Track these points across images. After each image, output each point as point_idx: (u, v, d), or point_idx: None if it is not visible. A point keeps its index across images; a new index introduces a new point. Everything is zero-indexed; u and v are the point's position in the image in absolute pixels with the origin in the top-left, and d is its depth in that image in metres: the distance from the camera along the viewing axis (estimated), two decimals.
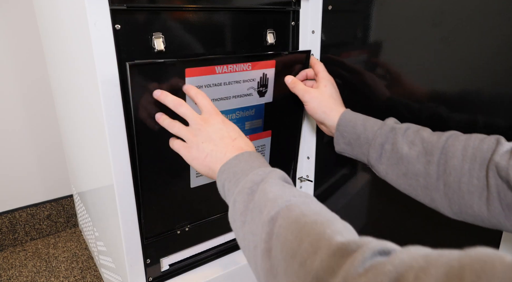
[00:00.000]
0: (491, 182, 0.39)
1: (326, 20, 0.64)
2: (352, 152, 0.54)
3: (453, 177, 0.42)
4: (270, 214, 0.34)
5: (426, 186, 0.45)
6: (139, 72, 0.47)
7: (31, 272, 0.93)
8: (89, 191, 0.80)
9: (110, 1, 0.45)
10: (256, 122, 0.63)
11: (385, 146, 0.49)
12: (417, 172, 0.46)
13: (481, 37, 0.47)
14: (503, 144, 0.40)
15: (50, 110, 1.02)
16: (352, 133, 0.53)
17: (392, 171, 0.48)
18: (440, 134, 0.45)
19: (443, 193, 0.43)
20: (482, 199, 0.40)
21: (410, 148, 0.46)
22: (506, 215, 0.39)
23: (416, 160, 0.45)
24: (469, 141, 0.42)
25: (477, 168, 0.40)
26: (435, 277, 0.19)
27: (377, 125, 0.51)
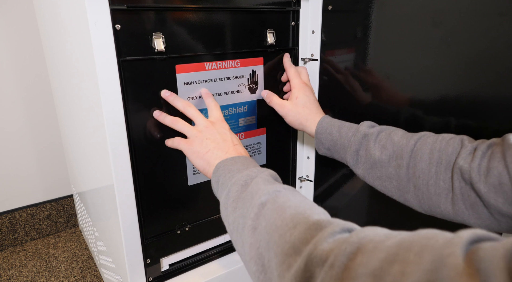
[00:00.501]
0: (456, 184, 0.42)
1: (326, 20, 0.64)
2: (333, 155, 0.58)
3: (422, 179, 0.45)
4: (261, 199, 0.37)
5: (398, 188, 0.48)
6: (130, 68, 0.49)
7: (31, 272, 0.93)
8: (89, 191, 0.80)
9: (110, 1, 0.45)
10: (249, 119, 0.64)
11: (359, 152, 0.52)
12: (389, 174, 0.49)
13: (481, 37, 0.47)
14: (466, 145, 0.42)
15: (50, 110, 1.02)
16: (330, 140, 0.56)
17: (369, 174, 0.51)
18: (410, 137, 0.47)
19: (414, 194, 0.47)
20: (448, 199, 0.43)
21: (381, 152, 0.49)
22: (470, 214, 0.42)
23: (388, 163, 0.48)
24: (435, 143, 0.45)
25: (443, 171, 0.43)
26: (389, 246, 0.23)
27: (351, 131, 0.53)
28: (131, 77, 0.49)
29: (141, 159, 0.53)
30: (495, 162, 0.38)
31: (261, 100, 0.65)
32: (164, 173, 0.56)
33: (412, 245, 0.22)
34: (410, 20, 0.54)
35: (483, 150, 0.40)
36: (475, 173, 0.40)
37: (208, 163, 0.49)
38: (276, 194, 0.38)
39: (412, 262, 0.20)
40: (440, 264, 0.19)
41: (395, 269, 0.21)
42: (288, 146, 0.73)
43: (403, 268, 0.20)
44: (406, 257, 0.21)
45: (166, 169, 0.56)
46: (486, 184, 0.39)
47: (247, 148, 0.66)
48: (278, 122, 0.68)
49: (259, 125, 0.66)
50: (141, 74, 0.50)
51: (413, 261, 0.20)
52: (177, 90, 0.54)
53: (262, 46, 0.62)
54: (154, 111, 0.53)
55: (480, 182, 0.39)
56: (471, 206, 0.41)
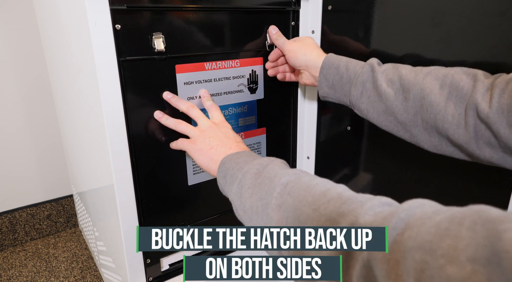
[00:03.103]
0: (470, 121, 0.39)
1: (326, 20, 0.64)
2: (335, 94, 0.54)
3: (430, 113, 0.43)
4: (282, 180, 0.37)
5: (404, 122, 0.46)
6: (130, 68, 0.49)
7: (31, 272, 0.93)
8: (89, 191, 0.80)
9: (110, 1, 0.45)
10: (249, 119, 0.64)
11: (366, 84, 0.49)
12: (395, 109, 0.46)
13: (481, 37, 0.47)
14: (482, 80, 0.40)
15: (50, 110, 1.02)
16: (335, 75, 0.53)
17: (373, 109, 0.49)
18: (418, 71, 0.45)
19: (422, 127, 0.45)
20: (458, 134, 0.41)
21: (388, 86, 0.47)
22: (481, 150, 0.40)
23: (394, 97, 0.46)
24: (446, 78, 0.42)
25: (453, 105, 0.41)
26: (438, 221, 0.22)
27: (359, 65, 0.51)
28: (131, 77, 0.49)
29: (141, 159, 0.53)
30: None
31: (261, 100, 0.64)
32: (164, 173, 0.56)
33: (464, 220, 0.21)
34: (410, 20, 0.54)
35: (501, 87, 0.37)
36: (493, 113, 0.37)
37: (212, 159, 0.48)
38: (297, 176, 0.37)
39: (465, 236, 0.20)
40: (496, 239, 0.18)
41: (446, 243, 0.20)
42: (288, 146, 0.73)
43: (455, 242, 0.20)
44: (458, 232, 0.20)
45: (166, 169, 0.56)
46: (508, 125, 0.36)
47: None
48: (278, 122, 0.68)
49: (259, 125, 0.66)
50: (141, 74, 0.50)
51: (466, 236, 0.20)
52: (177, 90, 0.54)
53: (262, 46, 0.62)
54: (155, 112, 0.53)
55: (501, 122, 0.36)
56: (484, 144, 0.39)
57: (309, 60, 0.56)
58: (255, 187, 0.39)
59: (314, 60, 0.56)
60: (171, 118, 0.53)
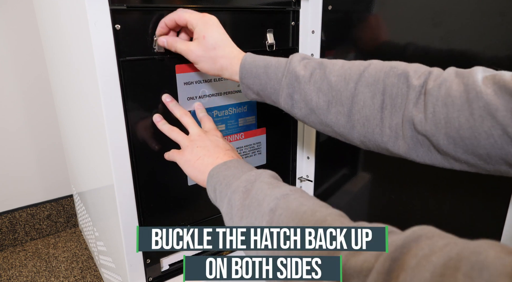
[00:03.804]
0: (407, 133, 0.38)
1: (326, 20, 0.64)
2: (265, 100, 0.49)
3: (367, 127, 0.40)
4: (270, 206, 0.36)
5: (341, 133, 0.44)
6: (130, 68, 0.49)
7: (31, 272, 0.93)
8: (89, 191, 0.80)
9: (110, 1, 0.45)
10: (249, 119, 0.64)
11: (293, 96, 0.45)
12: (330, 122, 0.43)
13: (481, 37, 0.47)
14: (413, 86, 0.37)
15: (50, 110, 1.02)
16: (258, 85, 0.47)
17: (308, 119, 0.46)
18: (348, 78, 0.41)
19: (358, 139, 0.43)
20: (397, 145, 0.39)
21: (319, 97, 0.43)
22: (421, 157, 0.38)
23: (327, 110, 0.43)
24: (378, 84, 0.39)
25: (388, 117, 0.39)
26: (434, 264, 0.21)
27: (279, 71, 0.45)
28: (131, 77, 0.49)
29: (141, 159, 0.53)
30: (454, 112, 0.33)
31: None
32: (164, 173, 0.56)
33: (460, 263, 0.20)
34: (410, 20, 0.54)
35: (434, 94, 0.35)
36: (430, 125, 0.35)
37: (199, 170, 0.48)
38: (285, 198, 0.36)
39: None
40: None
41: None
42: (288, 146, 0.73)
43: None
44: (454, 279, 0.19)
45: (166, 169, 0.56)
46: (445, 136, 0.34)
47: (247, 148, 0.66)
48: (278, 122, 0.68)
49: (259, 125, 0.66)
50: (141, 74, 0.50)
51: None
52: (176, 90, 0.54)
53: (262, 46, 0.62)
54: (154, 115, 0.53)
55: (439, 134, 0.35)
56: (424, 153, 0.38)
57: (227, 74, 0.49)
58: (244, 209, 0.38)
59: (232, 72, 0.49)
60: (167, 124, 0.53)
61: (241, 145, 0.64)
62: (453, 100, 0.34)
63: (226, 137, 0.62)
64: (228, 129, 0.62)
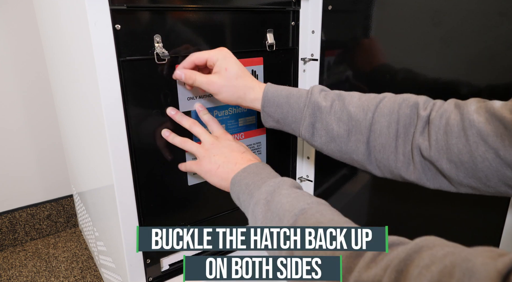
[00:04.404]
0: (416, 158, 0.42)
1: (326, 20, 0.64)
2: (283, 128, 0.52)
3: (382, 154, 0.44)
4: (289, 223, 0.38)
5: (359, 161, 0.47)
6: (130, 68, 0.49)
7: (31, 272, 0.93)
8: (89, 191, 0.80)
9: (110, 1, 0.45)
10: (249, 119, 0.64)
11: (315, 125, 0.48)
12: (350, 149, 0.47)
13: (481, 37, 0.47)
14: (421, 116, 0.41)
15: (50, 110, 1.02)
16: (279, 113, 0.50)
17: (327, 147, 0.49)
18: (366, 109, 0.45)
19: (376, 165, 0.46)
20: (410, 170, 0.43)
21: (339, 127, 0.47)
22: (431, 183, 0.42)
23: (347, 138, 0.46)
24: (393, 115, 0.43)
25: (402, 144, 0.43)
26: (432, 273, 0.23)
27: (301, 101, 0.49)
28: (131, 77, 0.49)
29: (141, 159, 0.53)
30: (453, 139, 0.38)
31: None
32: (164, 173, 0.56)
33: (454, 270, 0.22)
34: (410, 20, 0.54)
35: (436, 123, 0.39)
36: (434, 152, 0.39)
37: (222, 178, 0.50)
38: (303, 215, 0.38)
39: None
40: None
41: None
42: (288, 146, 0.73)
43: None
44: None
45: (166, 169, 0.56)
46: (447, 161, 0.39)
47: None
48: None
49: (259, 125, 0.66)
50: (141, 74, 0.50)
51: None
52: (176, 90, 0.54)
53: (262, 46, 0.62)
54: (163, 131, 0.54)
55: (442, 160, 0.39)
56: (432, 177, 0.42)
57: (247, 102, 0.52)
58: (266, 222, 0.41)
59: (253, 101, 0.51)
60: (177, 137, 0.54)
61: None
62: (451, 128, 0.38)
63: None
64: (228, 129, 0.62)
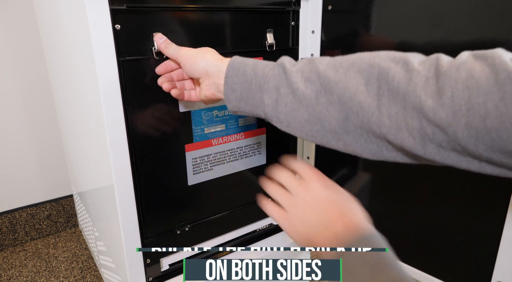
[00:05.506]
0: (414, 123, 0.32)
1: (326, 20, 0.64)
2: (246, 107, 0.44)
3: (361, 116, 0.35)
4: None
5: (334, 130, 0.38)
6: (130, 68, 0.49)
7: (31, 272, 0.93)
8: (89, 191, 0.80)
9: (110, 1, 0.45)
10: (249, 119, 0.64)
11: (280, 89, 0.41)
12: (319, 115, 0.38)
13: (481, 37, 0.47)
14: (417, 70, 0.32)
15: (50, 110, 1.02)
16: (243, 83, 0.43)
17: (293, 118, 0.40)
18: (338, 65, 0.37)
19: (356, 134, 0.37)
20: (398, 139, 0.33)
21: (306, 86, 0.39)
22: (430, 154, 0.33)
23: (316, 100, 0.38)
24: (372, 69, 0.35)
25: (386, 105, 0.33)
26: None
27: (268, 66, 0.43)
28: (131, 77, 0.49)
29: (141, 159, 0.53)
30: (480, 97, 0.28)
31: None
32: (164, 173, 0.56)
33: None
34: (410, 20, 0.54)
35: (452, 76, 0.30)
36: (447, 112, 0.29)
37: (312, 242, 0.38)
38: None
39: None
40: None
41: None
42: (288, 146, 0.73)
43: None
44: None
45: (166, 169, 0.56)
46: (466, 127, 0.29)
47: (247, 148, 0.65)
48: None
49: (259, 125, 0.66)
50: (141, 74, 0.50)
51: None
52: None
53: (262, 46, 0.62)
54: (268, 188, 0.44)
55: (458, 124, 0.29)
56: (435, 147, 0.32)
57: (210, 65, 0.46)
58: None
59: (217, 65, 0.46)
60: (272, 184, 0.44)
61: (241, 145, 0.64)
62: (477, 82, 0.28)
63: (226, 137, 0.62)
64: (228, 129, 0.62)
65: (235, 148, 0.64)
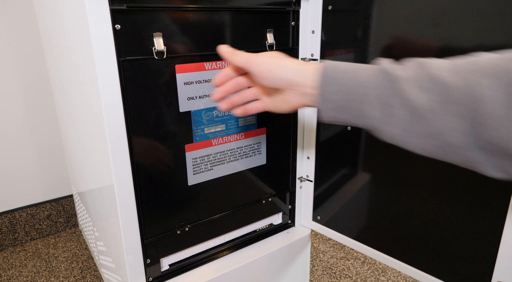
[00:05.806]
0: None
1: (326, 20, 0.64)
2: (345, 117, 0.39)
3: (492, 129, 0.30)
4: None
5: (456, 145, 0.33)
6: (130, 68, 0.49)
7: (31, 272, 0.93)
8: (89, 191, 0.80)
9: (110, 1, 0.45)
10: (249, 119, 0.64)
11: (387, 99, 0.36)
12: (439, 128, 0.33)
13: (481, 37, 0.47)
14: None
15: (50, 110, 1.02)
16: (339, 92, 0.38)
17: (406, 132, 0.35)
18: (454, 70, 0.33)
19: (480, 148, 0.32)
20: None
21: (423, 96, 0.33)
22: None
23: (435, 113, 0.33)
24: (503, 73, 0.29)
25: None
26: None
27: (367, 73, 0.38)
28: (131, 77, 0.49)
29: (141, 158, 0.53)
30: None
31: None
32: (164, 173, 0.56)
33: None
34: (410, 20, 0.54)
35: None
36: None
37: None
38: None
39: None
40: None
41: None
42: (288, 146, 0.73)
43: None
44: None
45: (166, 169, 0.56)
46: None
47: (247, 148, 0.66)
48: (278, 122, 0.68)
49: (259, 125, 0.66)
50: (141, 74, 0.50)
51: None
52: (177, 90, 0.54)
53: (262, 46, 0.62)
54: None
55: None
56: None
57: (294, 73, 0.41)
58: None
59: (302, 72, 0.40)
60: None
61: (241, 145, 0.64)
62: None
63: (227, 137, 0.62)
64: (228, 129, 0.62)
65: (235, 148, 0.64)
